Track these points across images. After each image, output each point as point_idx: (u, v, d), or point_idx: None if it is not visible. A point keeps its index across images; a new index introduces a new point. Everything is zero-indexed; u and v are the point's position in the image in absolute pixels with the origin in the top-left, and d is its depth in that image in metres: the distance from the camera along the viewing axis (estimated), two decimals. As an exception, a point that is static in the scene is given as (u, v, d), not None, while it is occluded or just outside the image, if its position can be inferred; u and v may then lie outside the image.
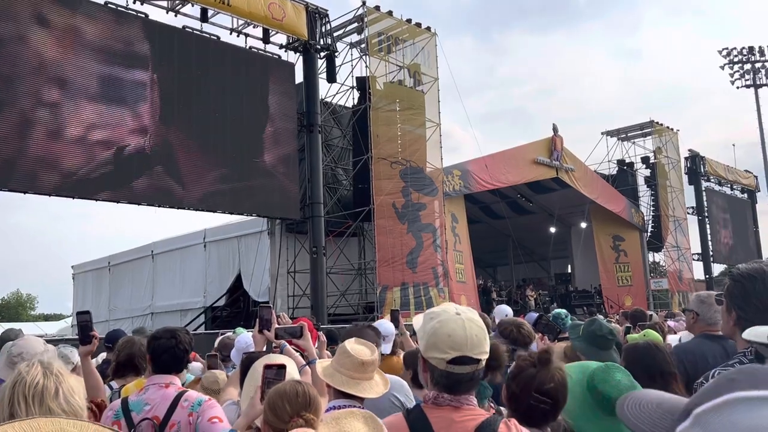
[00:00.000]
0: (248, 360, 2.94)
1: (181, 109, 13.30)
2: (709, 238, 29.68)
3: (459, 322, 1.96)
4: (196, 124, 13.51)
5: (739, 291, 2.21)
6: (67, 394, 1.70)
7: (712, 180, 30.87)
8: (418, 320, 2.12)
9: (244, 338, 4.49)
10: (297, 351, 3.40)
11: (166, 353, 3.08)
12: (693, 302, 3.80)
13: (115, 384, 3.98)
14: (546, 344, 4.02)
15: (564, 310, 6.04)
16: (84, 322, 3.51)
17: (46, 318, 52.58)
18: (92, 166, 11.85)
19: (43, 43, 11.38)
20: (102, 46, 12.20)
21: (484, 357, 1.95)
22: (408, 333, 5.17)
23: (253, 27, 14.68)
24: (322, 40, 15.82)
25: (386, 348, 4.46)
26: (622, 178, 26.85)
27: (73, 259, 52.80)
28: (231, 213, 15.08)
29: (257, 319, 3.44)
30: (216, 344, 5.36)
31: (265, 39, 14.88)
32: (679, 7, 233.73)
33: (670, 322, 7.35)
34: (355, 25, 16.85)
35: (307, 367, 3.17)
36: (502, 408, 2.56)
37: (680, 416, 0.87)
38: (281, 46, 15.57)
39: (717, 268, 31.17)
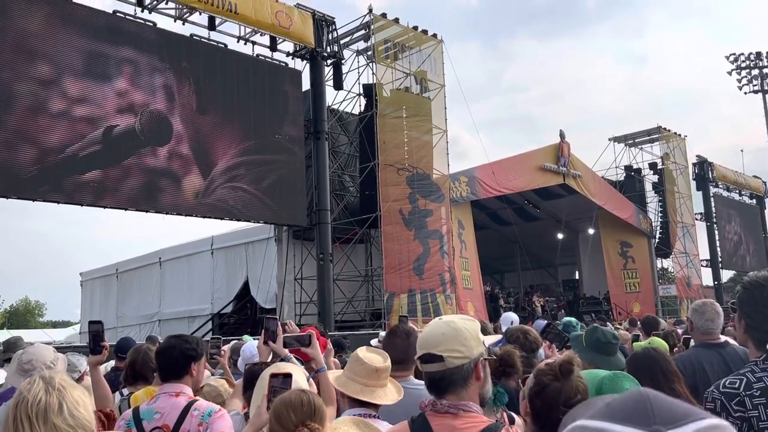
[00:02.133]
0: (250, 372, 2.93)
1: (189, 115, 13.36)
2: (717, 244, 29.49)
3: (434, 324, 2.03)
4: (203, 129, 13.56)
5: (748, 299, 2.21)
6: (71, 408, 1.67)
7: (721, 186, 30.70)
8: None
9: (250, 347, 4.47)
10: (300, 359, 3.40)
11: (166, 361, 3.10)
12: (689, 311, 3.84)
13: (125, 391, 4.00)
14: (553, 352, 4.01)
15: (574, 319, 6.02)
16: (96, 332, 3.52)
17: (54, 325, 52.75)
18: (90, 167, 11.94)
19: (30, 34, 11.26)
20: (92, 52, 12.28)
21: (452, 355, 1.92)
22: None
23: (261, 35, 14.76)
24: (328, 47, 15.88)
25: None
26: (630, 184, 26.74)
27: (81, 266, 53.09)
28: (238, 220, 15.12)
29: (263, 330, 3.45)
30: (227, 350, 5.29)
31: (272, 47, 14.96)
32: (684, 10, 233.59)
33: (679, 330, 7.31)
34: (362, 32, 16.93)
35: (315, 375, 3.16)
36: (515, 415, 2.54)
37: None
38: (288, 54, 15.64)
39: (726, 275, 30.99)
